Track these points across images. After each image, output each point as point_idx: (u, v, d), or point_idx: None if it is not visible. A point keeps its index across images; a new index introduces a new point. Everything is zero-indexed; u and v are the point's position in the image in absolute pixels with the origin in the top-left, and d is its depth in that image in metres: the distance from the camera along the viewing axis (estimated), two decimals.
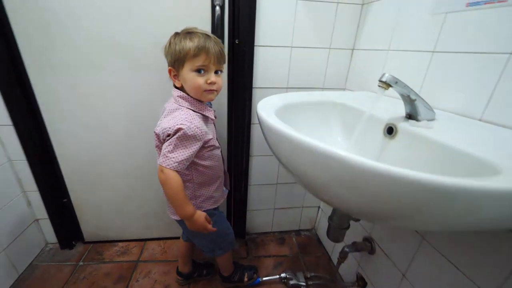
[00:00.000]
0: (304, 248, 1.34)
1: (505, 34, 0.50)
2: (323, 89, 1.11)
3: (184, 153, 0.68)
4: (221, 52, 0.71)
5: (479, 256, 0.53)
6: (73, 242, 1.27)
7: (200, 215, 0.76)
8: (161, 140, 0.71)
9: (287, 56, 1.01)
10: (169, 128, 0.67)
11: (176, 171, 0.68)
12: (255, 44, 0.96)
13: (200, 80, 0.70)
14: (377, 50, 0.90)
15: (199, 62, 0.68)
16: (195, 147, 0.69)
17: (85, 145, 1.06)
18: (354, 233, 1.03)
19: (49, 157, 1.07)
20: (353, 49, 1.05)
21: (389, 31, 0.83)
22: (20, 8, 0.84)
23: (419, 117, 0.58)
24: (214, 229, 0.80)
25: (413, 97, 0.55)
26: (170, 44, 0.70)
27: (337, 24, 0.99)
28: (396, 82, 0.53)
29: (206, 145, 0.75)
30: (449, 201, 0.32)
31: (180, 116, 0.68)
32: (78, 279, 1.11)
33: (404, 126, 0.57)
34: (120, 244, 1.31)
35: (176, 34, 0.71)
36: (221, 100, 1.05)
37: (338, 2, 0.96)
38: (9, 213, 1.07)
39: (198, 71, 0.69)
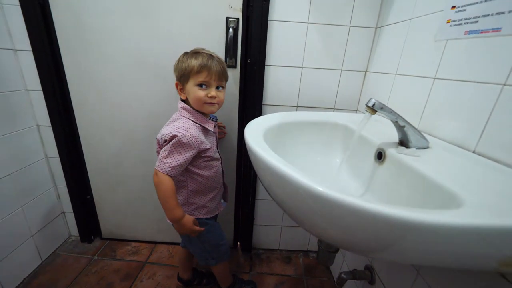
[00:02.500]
0: (309, 271, 1.30)
1: (499, 64, 0.48)
2: (334, 109, 1.11)
3: (177, 159, 0.73)
4: (223, 71, 0.79)
5: None
6: (92, 237, 1.39)
7: (188, 219, 0.81)
8: (160, 145, 0.78)
9: (297, 75, 1.04)
10: (166, 134, 0.74)
11: (170, 176, 0.74)
12: (266, 63, 1.01)
13: (201, 93, 0.77)
14: (386, 74, 0.89)
15: (201, 78, 0.76)
16: (188, 154, 0.75)
17: (109, 149, 1.18)
18: (356, 260, 0.98)
19: (78, 156, 1.20)
20: (366, 72, 1.04)
21: (397, 55, 0.83)
22: (66, 28, 0.98)
23: (410, 144, 0.57)
24: (202, 229, 0.83)
25: (401, 123, 0.55)
26: (178, 61, 0.79)
27: (349, 47, 1.00)
28: (382, 108, 0.53)
29: (202, 155, 0.80)
30: (399, 232, 0.32)
31: (178, 124, 0.75)
32: (90, 272, 1.20)
33: (391, 153, 0.56)
34: (133, 244, 1.39)
35: (185, 53, 0.80)
36: (232, 114, 1.11)
37: (350, 26, 0.97)
38: (42, 203, 1.21)
39: (200, 85, 0.77)
